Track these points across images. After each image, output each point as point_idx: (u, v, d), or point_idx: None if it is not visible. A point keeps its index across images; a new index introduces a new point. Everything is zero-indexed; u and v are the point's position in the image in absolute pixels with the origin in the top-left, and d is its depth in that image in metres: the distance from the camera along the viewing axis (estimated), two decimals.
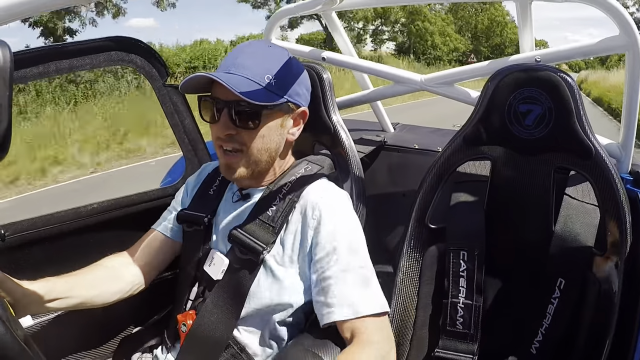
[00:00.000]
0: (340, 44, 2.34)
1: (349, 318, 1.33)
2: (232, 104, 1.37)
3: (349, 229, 1.44)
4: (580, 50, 1.79)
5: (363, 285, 1.37)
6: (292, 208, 1.46)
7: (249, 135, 1.41)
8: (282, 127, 1.47)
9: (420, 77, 2.10)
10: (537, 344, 1.53)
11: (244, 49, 1.46)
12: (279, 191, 1.49)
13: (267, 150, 1.45)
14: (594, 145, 1.51)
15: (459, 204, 1.68)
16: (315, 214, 1.43)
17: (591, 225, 1.53)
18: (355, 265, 1.39)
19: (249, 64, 1.40)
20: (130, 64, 1.89)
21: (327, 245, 1.40)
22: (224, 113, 1.39)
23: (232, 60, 1.42)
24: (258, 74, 1.39)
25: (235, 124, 1.39)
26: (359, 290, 1.36)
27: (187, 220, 1.62)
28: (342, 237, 1.41)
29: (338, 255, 1.38)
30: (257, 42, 1.51)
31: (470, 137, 1.65)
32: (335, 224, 1.42)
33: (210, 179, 1.68)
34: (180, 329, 1.50)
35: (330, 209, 1.44)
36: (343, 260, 1.38)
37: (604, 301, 1.47)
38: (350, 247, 1.41)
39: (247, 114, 1.39)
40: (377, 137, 2.37)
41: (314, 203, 1.45)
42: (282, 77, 1.44)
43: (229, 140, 1.41)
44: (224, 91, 1.36)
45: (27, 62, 1.60)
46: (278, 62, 1.45)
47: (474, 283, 1.61)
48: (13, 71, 0.80)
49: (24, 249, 1.66)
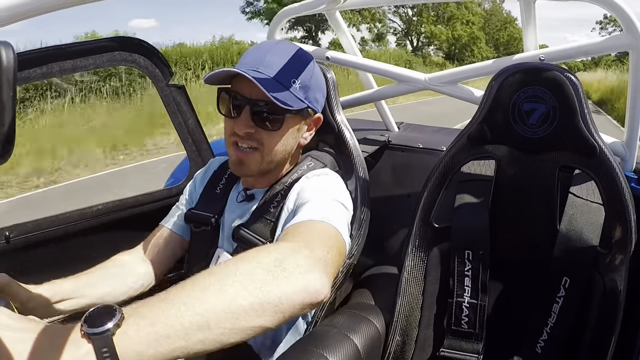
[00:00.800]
0: (344, 43, 2.34)
1: (304, 220, 1.21)
2: (255, 102, 1.37)
3: (328, 187, 1.40)
4: (584, 49, 1.78)
5: (327, 207, 1.29)
6: (288, 197, 1.46)
7: (268, 135, 1.41)
8: (299, 131, 1.49)
9: (424, 76, 2.10)
10: (542, 343, 1.53)
11: (272, 48, 1.44)
12: (282, 189, 1.50)
13: (282, 152, 1.46)
14: (598, 144, 1.50)
15: (464, 203, 1.68)
16: (300, 192, 1.41)
17: (596, 224, 1.53)
18: (324, 198, 1.32)
19: (278, 64, 1.40)
20: (133, 64, 1.89)
21: (297, 202, 1.37)
22: (245, 110, 1.38)
23: (260, 58, 1.40)
24: (286, 76, 1.39)
25: (255, 123, 1.39)
26: (323, 206, 1.28)
27: (195, 220, 1.62)
28: (312, 193, 1.36)
29: (301, 204, 1.31)
30: (286, 43, 1.50)
31: (474, 136, 1.65)
32: (309, 186, 1.41)
33: (216, 176, 1.68)
34: None
35: (314, 178, 1.45)
36: (305, 205, 1.30)
37: (609, 300, 1.46)
38: (317, 196, 1.33)
39: (270, 114, 1.39)
40: (381, 137, 2.37)
41: (302, 183, 1.45)
42: (307, 82, 1.44)
43: (247, 138, 1.41)
44: (248, 88, 1.36)
45: (31, 62, 1.60)
46: (304, 65, 1.45)
47: (479, 282, 1.61)
48: (17, 72, 0.81)
49: (29, 250, 1.66)
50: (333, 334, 1.40)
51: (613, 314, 1.44)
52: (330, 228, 1.19)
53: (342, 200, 1.39)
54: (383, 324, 1.58)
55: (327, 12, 2.21)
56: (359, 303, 1.79)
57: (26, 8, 0.77)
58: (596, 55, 2.01)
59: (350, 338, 1.39)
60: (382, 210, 1.89)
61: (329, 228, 1.19)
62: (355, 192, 1.65)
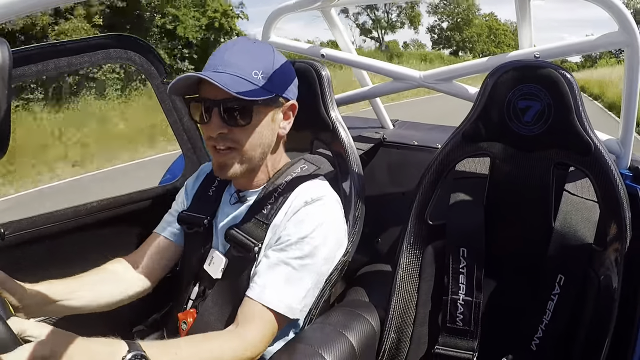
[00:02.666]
0: (339, 40, 2.34)
1: (252, 297, 1.36)
2: (221, 102, 1.38)
3: (316, 234, 1.43)
4: (579, 47, 1.79)
5: (285, 281, 1.38)
6: (283, 204, 1.47)
7: (241, 132, 1.42)
8: (273, 121, 1.48)
9: (419, 74, 2.10)
10: (537, 340, 1.54)
11: (229, 47, 1.46)
12: (275, 190, 1.50)
13: (260, 145, 1.46)
14: (593, 141, 1.51)
15: (459, 200, 1.68)
16: (298, 212, 1.44)
17: (591, 221, 1.54)
18: (295, 264, 1.39)
19: (236, 61, 1.41)
20: (129, 61, 1.89)
21: (285, 232, 1.42)
22: (214, 112, 1.39)
23: (219, 59, 1.42)
24: (246, 70, 1.40)
25: (226, 122, 1.39)
26: (278, 283, 1.37)
27: (188, 221, 1.62)
28: (304, 235, 1.41)
29: (288, 245, 1.40)
30: (242, 40, 1.51)
31: (469, 134, 1.65)
32: (306, 222, 1.43)
33: (208, 180, 1.68)
34: (181, 327, 1.51)
35: (313, 210, 1.45)
36: (287, 253, 1.40)
37: (604, 297, 1.47)
38: (304, 248, 1.41)
39: (237, 111, 1.39)
40: (376, 134, 2.36)
41: (300, 203, 1.46)
42: (270, 72, 1.45)
43: (222, 139, 1.42)
44: (213, 90, 1.37)
45: (26, 60, 1.59)
46: (264, 57, 1.46)
47: (474, 280, 1.61)
48: (12, 69, 0.80)
49: (24, 247, 1.66)
50: (328, 332, 1.40)
51: (608, 311, 1.44)
52: (280, 320, 1.37)
53: (327, 255, 1.46)
54: (378, 322, 1.58)
55: (322, 10, 2.21)
56: (353, 300, 1.80)
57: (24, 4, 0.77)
58: (591, 53, 2.01)
59: (345, 335, 1.40)
60: (377, 207, 1.89)
61: (280, 320, 1.38)
62: (349, 190, 1.65)
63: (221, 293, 1.48)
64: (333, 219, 1.51)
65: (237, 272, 1.47)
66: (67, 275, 1.47)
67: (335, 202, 1.55)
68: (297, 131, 1.57)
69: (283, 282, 1.38)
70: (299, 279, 1.40)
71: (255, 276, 1.40)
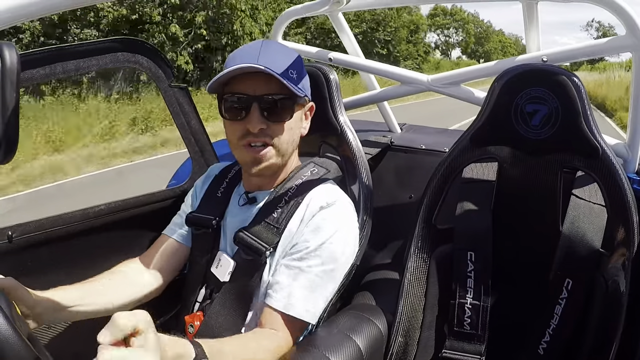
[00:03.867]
0: (346, 44, 2.34)
1: (277, 308, 1.38)
2: (261, 98, 1.38)
3: (334, 239, 1.44)
4: (587, 50, 1.78)
5: (309, 288, 1.40)
6: (296, 210, 1.47)
7: (278, 128, 1.43)
8: (301, 120, 1.51)
9: (426, 78, 2.10)
10: (545, 345, 1.53)
11: (262, 46, 1.44)
12: (285, 194, 1.50)
13: (292, 142, 1.49)
14: (601, 145, 1.50)
15: (466, 204, 1.68)
16: (314, 218, 1.45)
17: (598, 225, 1.53)
18: (317, 271, 1.41)
19: (274, 59, 1.40)
20: (136, 65, 1.89)
21: (303, 238, 1.43)
22: (254, 107, 1.39)
23: (254, 55, 1.40)
24: (284, 68, 1.41)
25: (267, 117, 1.40)
26: (302, 291, 1.39)
27: (196, 223, 1.62)
28: (322, 241, 1.42)
29: (308, 253, 1.41)
30: (268, 41, 1.50)
31: (477, 138, 1.64)
32: (323, 228, 1.44)
33: (217, 181, 1.68)
34: (188, 330, 1.51)
35: (329, 215, 1.46)
36: (308, 261, 1.41)
37: (612, 301, 1.46)
38: (323, 254, 1.42)
39: (279, 106, 1.41)
40: (384, 138, 2.36)
41: (316, 208, 1.46)
42: (301, 72, 1.46)
43: (260, 135, 1.41)
44: (253, 85, 1.38)
45: (34, 63, 1.60)
46: (293, 56, 1.47)
47: (481, 284, 1.60)
48: (20, 73, 0.81)
49: (31, 250, 1.66)
50: (336, 335, 1.40)
51: (615, 315, 1.43)
52: (304, 326, 1.43)
53: (346, 259, 1.50)
54: (385, 325, 1.57)
55: (330, 14, 2.22)
56: (361, 304, 1.79)
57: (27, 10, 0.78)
58: (598, 57, 2.01)
59: (352, 339, 1.39)
60: (385, 211, 1.89)
61: (304, 326, 1.43)
62: (358, 194, 1.65)
63: (228, 296, 1.48)
64: (349, 223, 1.52)
65: (246, 276, 1.47)
66: (75, 277, 1.48)
67: (349, 204, 1.56)
68: (305, 135, 1.57)
69: (306, 290, 1.39)
70: (322, 286, 1.42)
71: (276, 285, 1.40)
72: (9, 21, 0.77)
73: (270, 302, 1.38)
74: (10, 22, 0.77)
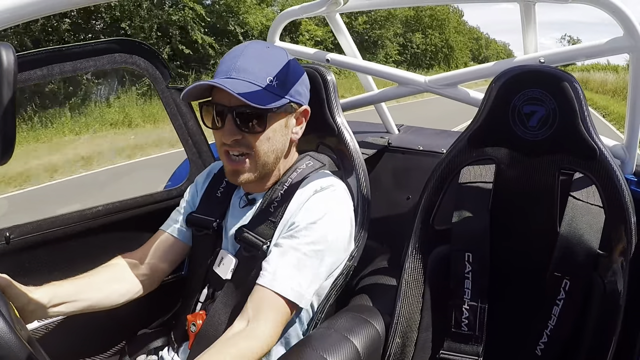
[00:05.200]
0: (344, 45, 2.34)
1: (263, 285, 1.37)
2: (235, 108, 1.38)
3: (326, 220, 1.44)
4: (584, 52, 1.79)
5: (296, 267, 1.39)
6: (291, 199, 1.48)
7: (255, 138, 1.41)
8: (287, 127, 1.48)
9: (424, 79, 2.10)
10: (542, 345, 1.53)
11: (242, 52, 1.44)
12: (281, 188, 1.51)
13: (273, 151, 1.46)
14: (598, 147, 1.50)
15: (464, 205, 1.68)
16: (308, 201, 1.45)
17: (596, 226, 1.53)
18: (305, 250, 1.40)
19: (250, 67, 1.40)
20: (134, 65, 1.89)
21: (296, 220, 1.43)
22: (228, 118, 1.39)
23: (232, 64, 1.41)
24: (259, 76, 1.40)
25: (240, 128, 1.39)
26: (288, 269, 1.38)
27: (197, 224, 1.63)
28: (313, 221, 1.42)
29: (298, 231, 1.41)
30: (255, 44, 1.50)
31: (474, 139, 1.65)
32: (315, 209, 1.44)
33: (216, 180, 1.68)
34: (190, 329, 1.51)
35: (322, 197, 1.46)
36: (298, 240, 1.40)
37: (609, 302, 1.46)
38: (313, 233, 1.41)
39: (252, 117, 1.39)
40: (382, 139, 2.37)
41: (310, 192, 1.47)
42: (283, 77, 1.44)
43: (236, 145, 1.42)
44: (227, 96, 1.36)
45: (31, 64, 1.60)
46: (278, 62, 1.45)
47: (479, 285, 1.61)
48: (17, 73, 0.81)
49: (29, 251, 1.66)
50: (333, 336, 1.40)
51: (613, 316, 1.43)
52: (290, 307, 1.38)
53: (336, 241, 1.48)
54: (383, 326, 1.57)
55: (328, 15, 2.21)
56: (358, 305, 1.79)
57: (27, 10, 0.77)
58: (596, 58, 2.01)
59: (350, 340, 1.39)
60: (382, 212, 1.89)
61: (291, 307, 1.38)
62: (355, 195, 1.65)
63: (230, 294, 1.48)
64: (342, 206, 1.52)
65: (247, 272, 1.47)
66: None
67: (344, 190, 1.55)
68: (303, 135, 1.57)
69: (293, 268, 1.38)
70: (310, 266, 1.40)
71: (265, 263, 1.40)
72: (8, 21, 0.77)
73: (258, 280, 1.38)
74: (8, 22, 0.77)
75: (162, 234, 1.67)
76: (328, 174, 1.58)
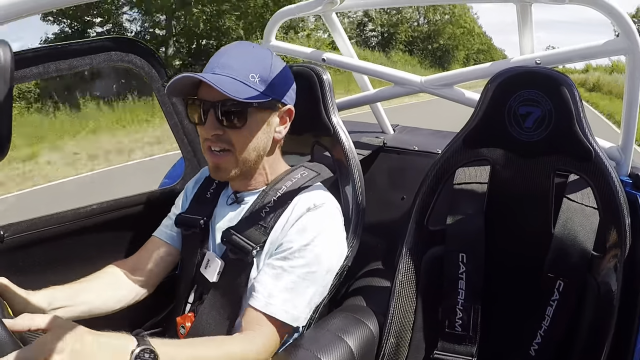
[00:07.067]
0: (340, 45, 2.34)
1: (257, 308, 1.36)
2: (217, 104, 1.39)
3: (319, 241, 1.43)
4: (580, 53, 1.79)
5: (290, 290, 1.39)
6: (284, 211, 1.47)
7: (236, 134, 1.42)
8: (269, 125, 1.49)
9: (420, 79, 2.10)
10: (536, 346, 1.53)
11: (227, 50, 1.47)
12: (274, 194, 1.50)
13: (254, 149, 1.47)
14: (594, 148, 1.51)
15: (459, 206, 1.68)
16: (300, 219, 1.44)
17: (591, 228, 1.53)
18: (299, 272, 1.40)
19: (233, 64, 1.42)
20: (130, 64, 1.89)
21: (289, 239, 1.42)
22: (210, 113, 1.40)
23: (217, 61, 1.43)
24: (241, 72, 1.41)
25: (221, 123, 1.40)
26: (282, 292, 1.38)
27: (184, 223, 1.62)
28: (307, 242, 1.42)
29: (291, 253, 1.41)
30: (241, 44, 1.52)
31: (469, 139, 1.65)
32: (308, 229, 1.43)
33: (207, 182, 1.69)
34: (179, 331, 1.51)
35: (315, 217, 1.46)
36: (291, 262, 1.40)
37: (603, 303, 1.46)
38: (307, 255, 1.41)
39: (233, 112, 1.40)
40: (377, 139, 2.36)
41: (303, 210, 1.46)
42: (266, 75, 1.45)
43: (217, 141, 1.43)
44: (210, 92, 1.38)
45: (28, 61, 1.59)
46: (261, 61, 1.46)
47: (473, 285, 1.61)
48: (14, 71, 0.80)
49: (24, 249, 1.66)
50: (327, 336, 1.40)
51: (607, 317, 1.43)
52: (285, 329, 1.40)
53: (329, 262, 1.47)
54: (377, 326, 1.57)
55: (324, 14, 2.21)
56: (353, 305, 1.79)
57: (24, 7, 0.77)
58: (592, 59, 2.02)
59: (344, 340, 1.39)
60: (377, 213, 1.89)
61: (286, 329, 1.40)
62: (350, 195, 1.65)
63: (218, 297, 1.48)
64: (334, 226, 1.51)
65: (234, 276, 1.47)
66: (67, 277, 1.48)
67: (336, 209, 1.55)
68: (298, 135, 1.57)
69: (287, 291, 1.38)
70: (304, 288, 1.40)
71: (258, 285, 1.39)
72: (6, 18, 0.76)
73: (251, 302, 1.38)
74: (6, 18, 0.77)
75: (156, 241, 1.67)
76: (320, 187, 1.58)
